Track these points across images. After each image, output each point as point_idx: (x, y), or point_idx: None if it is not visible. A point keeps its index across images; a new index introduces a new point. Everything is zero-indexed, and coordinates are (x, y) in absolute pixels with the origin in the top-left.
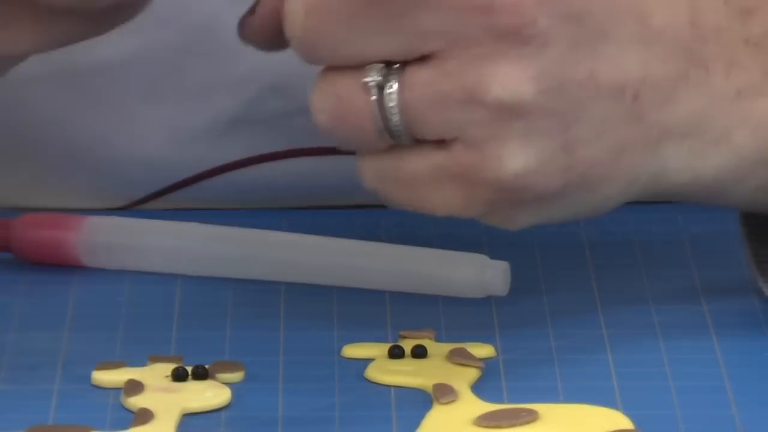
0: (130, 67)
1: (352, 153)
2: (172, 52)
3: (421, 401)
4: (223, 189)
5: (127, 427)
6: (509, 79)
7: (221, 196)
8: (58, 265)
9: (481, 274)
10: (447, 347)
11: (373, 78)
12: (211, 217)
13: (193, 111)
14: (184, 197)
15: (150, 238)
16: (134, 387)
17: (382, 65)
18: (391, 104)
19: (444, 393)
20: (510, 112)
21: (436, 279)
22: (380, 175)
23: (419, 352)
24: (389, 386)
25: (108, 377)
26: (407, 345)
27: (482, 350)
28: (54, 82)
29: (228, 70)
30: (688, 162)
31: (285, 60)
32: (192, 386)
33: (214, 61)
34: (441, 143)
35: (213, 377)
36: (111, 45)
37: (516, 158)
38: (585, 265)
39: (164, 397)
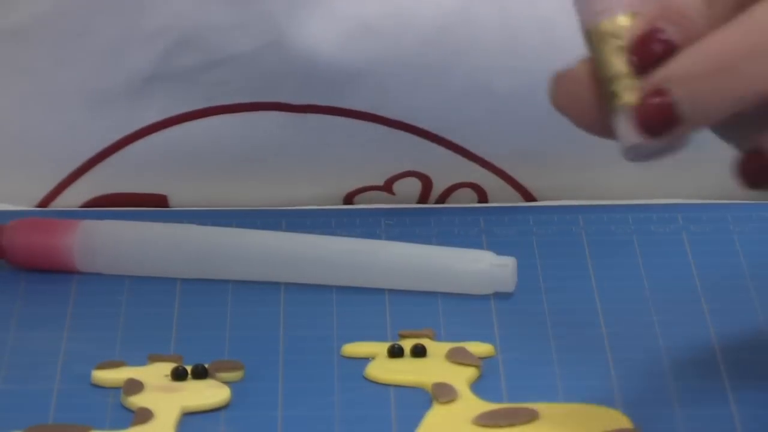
0: (41, 30)
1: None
2: (82, 10)
3: (420, 400)
4: (147, 153)
5: (126, 427)
6: None
7: (147, 161)
8: (52, 270)
9: (488, 269)
10: (446, 346)
11: None
12: (207, 217)
13: (108, 70)
14: (110, 166)
15: (146, 241)
16: (134, 386)
17: None
18: None
19: (443, 392)
20: None
21: (444, 275)
22: None
23: (419, 351)
24: (389, 385)
25: (108, 376)
26: (407, 344)
27: (481, 349)
28: None
29: (137, 23)
30: None
31: (195, 10)
32: (192, 385)
33: (124, 16)
34: None
35: (213, 376)
36: (20, 9)
37: None
38: (585, 265)
39: (164, 397)
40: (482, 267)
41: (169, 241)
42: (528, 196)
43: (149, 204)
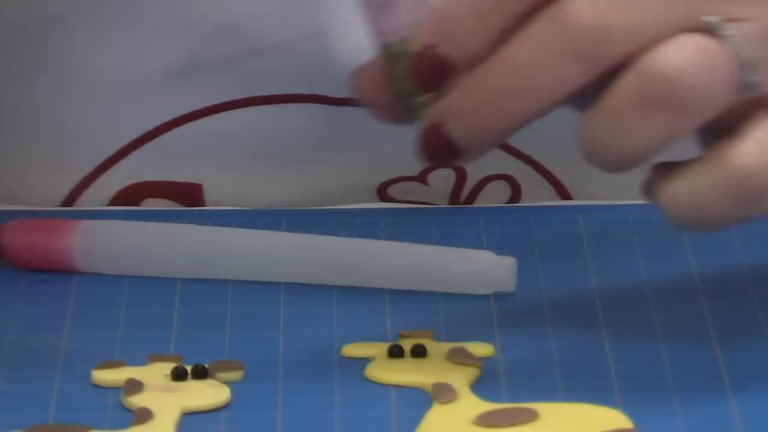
0: (83, 16)
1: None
2: None
3: (420, 400)
4: (183, 142)
5: (126, 427)
6: None
7: (183, 150)
8: (52, 270)
9: (488, 269)
10: (446, 346)
11: (729, 30)
12: (208, 217)
13: (146, 59)
14: (146, 153)
15: (147, 240)
16: (134, 386)
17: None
18: (749, 51)
19: (443, 392)
20: None
21: (443, 275)
22: (725, 185)
23: (419, 352)
24: (389, 385)
25: (108, 376)
26: (407, 344)
27: (482, 349)
28: (7, 35)
29: (177, 12)
30: None
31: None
32: (192, 385)
33: (163, 4)
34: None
35: (213, 376)
36: None
37: None
38: (585, 266)
39: (164, 397)
40: (482, 267)
41: (169, 241)
42: (561, 189)
43: (184, 192)
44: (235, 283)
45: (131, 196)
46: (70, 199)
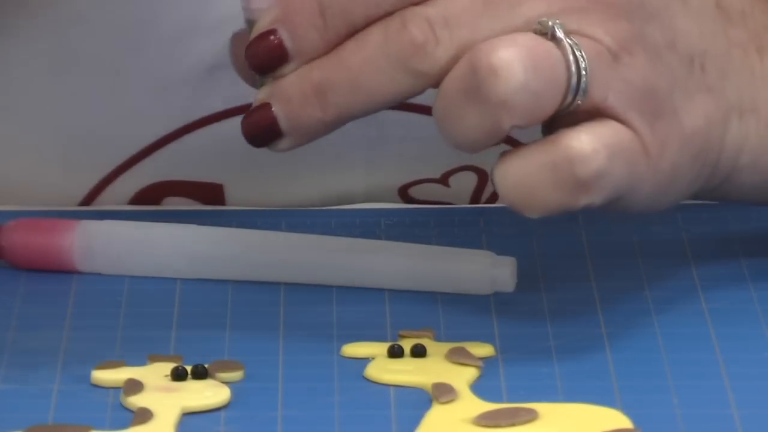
0: (110, 17)
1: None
2: None
3: (420, 400)
4: (207, 143)
5: (126, 427)
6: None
7: (206, 151)
8: (52, 270)
9: (488, 269)
10: (446, 346)
11: (565, 35)
12: (208, 217)
13: (173, 58)
14: (169, 153)
15: (147, 240)
16: (134, 386)
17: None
18: (579, 53)
19: (443, 392)
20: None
21: (444, 275)
22: (557, 169)
23: (419, 352)
24: (388, 385)
25: (107, 376)
26: (407, 344)
27: (481, 349)
28: (35, 38)
29: (205, 12)
30: (751, 141)
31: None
32: (191, 385)
33: (189, 5)
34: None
35: (212, 376)
36: None
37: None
38: (585, 265)
39: (164, 397)
40: (482, 267)
41: (169, 241)
42: None
43: (205, 192)
44: (235, 283)
45: (152, 194)
46: (91, 197)
